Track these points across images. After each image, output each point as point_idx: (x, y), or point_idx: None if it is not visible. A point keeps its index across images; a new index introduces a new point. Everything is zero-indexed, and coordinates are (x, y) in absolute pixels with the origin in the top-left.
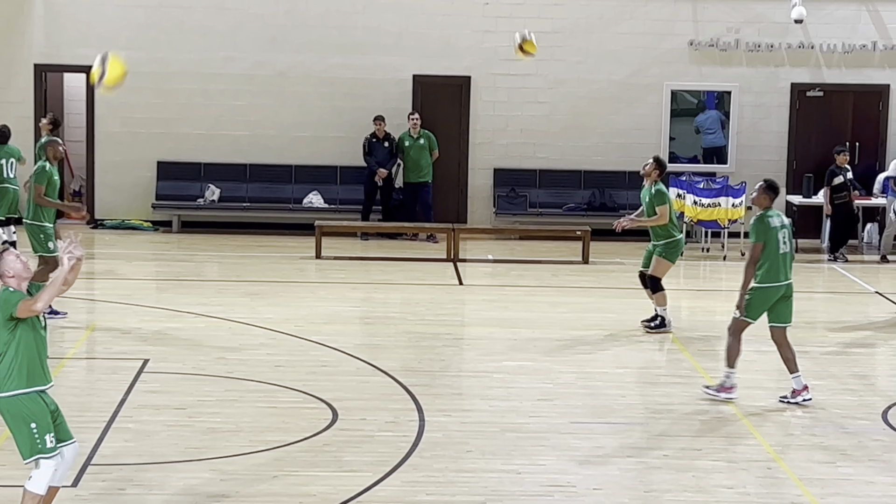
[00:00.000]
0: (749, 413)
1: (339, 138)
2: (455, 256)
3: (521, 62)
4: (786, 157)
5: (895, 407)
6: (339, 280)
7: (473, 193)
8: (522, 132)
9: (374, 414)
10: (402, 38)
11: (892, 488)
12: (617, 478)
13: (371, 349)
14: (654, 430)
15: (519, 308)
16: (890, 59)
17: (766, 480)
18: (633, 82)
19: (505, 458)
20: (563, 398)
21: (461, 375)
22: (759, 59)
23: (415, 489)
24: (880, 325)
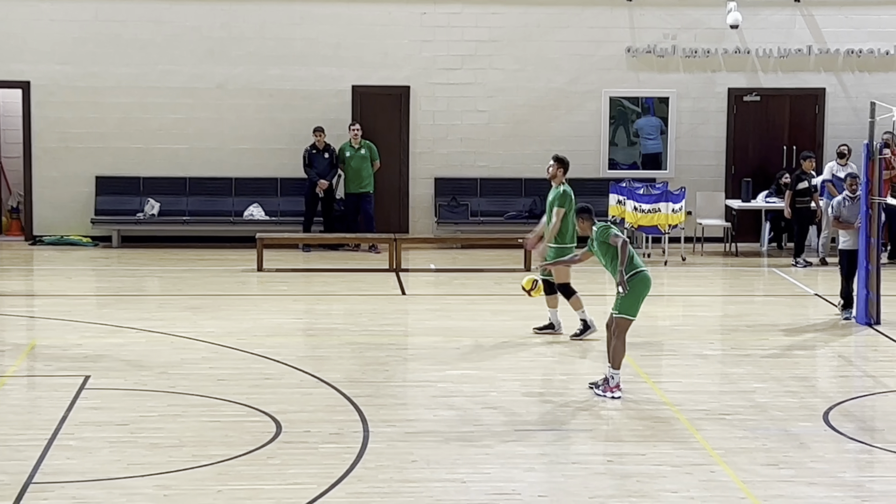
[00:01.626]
0: (692, 417)
1: (279, 150)
2: (397, 266)
3: (459, 71)
4: (724, 162)
5: (836, 409)
6: (281, 292)
7: (414, 203)
8: (462, 141)
9: (318, 426)
10: (341, 48)
11: (834, 489)
12: (562, 484)
13: (314, 361)
14: (599, 436)
15: (462, 317)
16: (825, 63)
17: (709, 484)
18: (572, 90)
19: (450, 467)
20: (508, 406)
21: (405, 385)
22: (695, 64)
23: (360, 500)
24: (820, 328)
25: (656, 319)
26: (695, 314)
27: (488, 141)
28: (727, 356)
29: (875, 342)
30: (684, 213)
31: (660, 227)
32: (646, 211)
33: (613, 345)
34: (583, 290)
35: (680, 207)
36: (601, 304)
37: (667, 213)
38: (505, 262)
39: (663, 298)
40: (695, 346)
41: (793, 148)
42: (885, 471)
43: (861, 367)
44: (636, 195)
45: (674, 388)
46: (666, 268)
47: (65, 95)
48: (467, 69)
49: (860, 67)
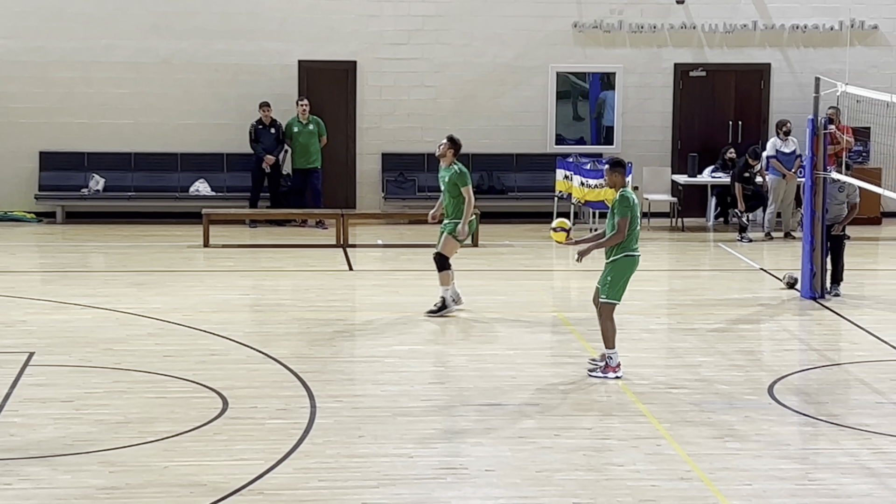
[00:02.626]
0: (638, 391)
1: (225, 125)
2: (345, 242)
3: (406, 46)
4: (670, 137)
5: (781, 382)
6: (227, 268)
7: (362, 179)
8: (410, 116)
9: (264, 402)
10: (287, 23)
11: (779, 462)
12: (508, 459)
13: (261, 337)
14: (545, 411)
15: (409, 292)
16: (770, 39)
17: (655, 457)
18: (519, 65)
19: (397, 442)
20: (455, 381)
21: (352, 361)
22: (642, 39)
23: (307, 476)
24: (766, 302)
25: None
26: (641, 289)
27: (435, 116)
28: (673, 330)
29: (820, 316)
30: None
31: (606, 202)
32: (593, 186)
33: (602, 326)
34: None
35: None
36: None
37: None
38: None
39: None
40: (641, 320)
41: (738, 123)
42: (828, 443)
43: (806, 342)
44: (583, 170)
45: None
46: None
47: (8, 70)
48: (414, 44)
49: (805, 43)
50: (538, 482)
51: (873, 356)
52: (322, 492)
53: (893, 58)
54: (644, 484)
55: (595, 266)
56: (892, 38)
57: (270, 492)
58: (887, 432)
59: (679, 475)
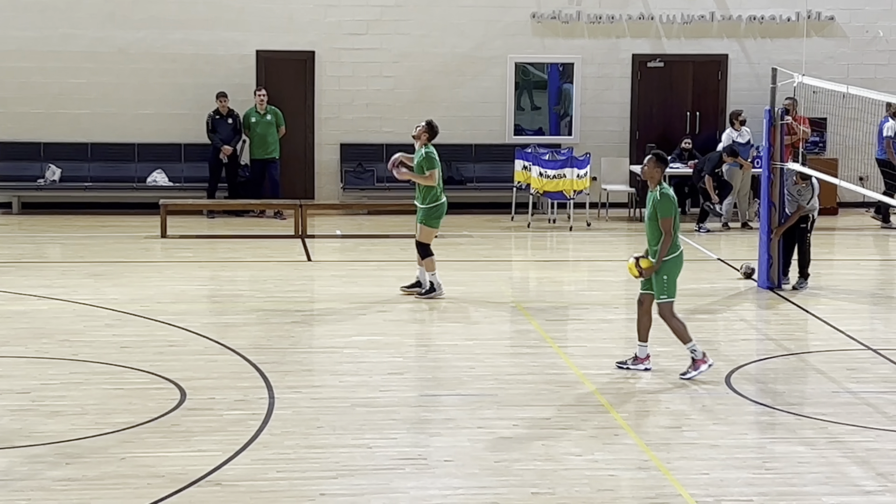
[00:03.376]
0: (596, 381)
1: (182, 115)
2: (303, 233)
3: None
4: (628, 128)
5: (738, 372)
6: (185, 259)
7: (320, 169)
8: (368, 107)
9: (223, 393)
10: (244, 13)
11: (736, 451)
12: (467, 449)
13: (219, 328)
14: (504, 401)
15: (368, 283)
16: (728, 30)
17: (613, 447)
18: (478, 55)
19: (356, 432)
20: (413, 371)
21: (311, 352)
22: (600, 30)
23: (265, 467)
24: (723, 292)
25: (562, 284)
26: (600, 279)
27: (394, 107)
28: (631, 321)
29: (777, 306)
30: (589, 178)
31: (565, 193)
32: (551, 177)
33: (671, 327)
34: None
35: (585, 173)
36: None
37: (572, 178)
38: (411, 229)
39: (568, 264)
40: (600, 310)
41: (696, 114)
42: (785, 432)
43: (762, 331)
44: (541, 161)
45: (579, 353)
46: (571, 233)
47: None
48: (373, 34)
49: (762, 34)
50: (497, 472)
51: (829, 346)
52: (280, 483)
53: (850, 49)
54: (602, 474)
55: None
56: (848, 29)
57: (228, 483)
58: (843, 421)
59: (637, 465)
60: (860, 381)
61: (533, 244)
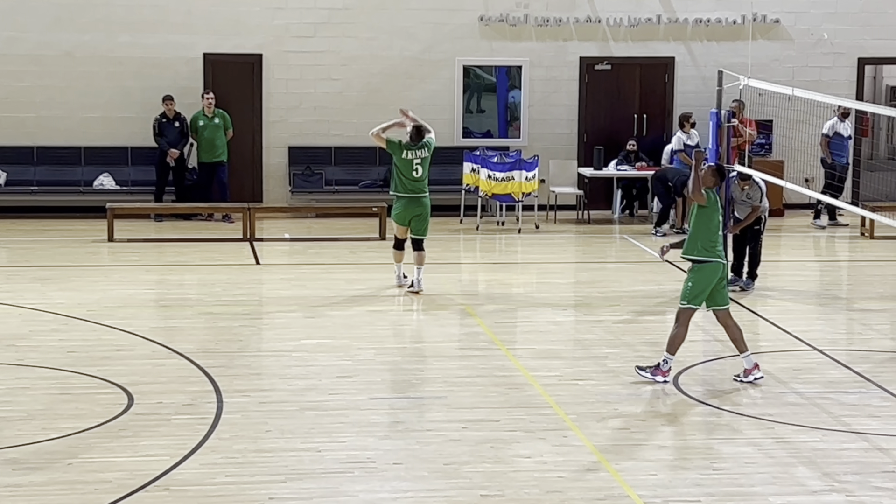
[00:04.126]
0: (545, 383)
1: (129, 119)
2: (251, 236)
3: (313, 39)
4: (576, 130)
5: (686, 373)
6: (132, 263)
7: (269, 172)
8: (316, 110)
9: (170, 397)
10: (191, 15)
11: (684, 452)
12: (417, 452)
13: (167, 332)
14: (453, 403)
15: (317, 286)
16: (674, 32)
17: (562, 448)
18: (426, 58)
19: (305, 436)
20: (363, 374)
21: (260, 355)
22: (548, 33)
23: (213, 471)
24: (670, 294)
25: (510, 287)
26: (548, 281)
27: (342, 110)
28: (580, 322)
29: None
30: (537, 181)
31: (513, 195)
32: (500, 179)
33: (674, 331)
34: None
35: (533, 175)
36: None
37: (520, 181)
38: (360, 231)
39: (517, 266)
40: (548, 312)
41: (643, 116)
42: (731, 433)
43: (710, 332)
44: (490, 163)
45: (527, 355)
46: (520, 235)
47: None
48: (321, 37)
49: (708, 36)
50: (446, 475)
51: (776, 346)
52: (229, 487)
53: (795, 51)
54: (551, 475)
55: (503, 260)
56: (793, 31)
57: (176, 487)
58: (790, 422)
59: (586, 466)
60: (806, 381)
61: (481, 246)
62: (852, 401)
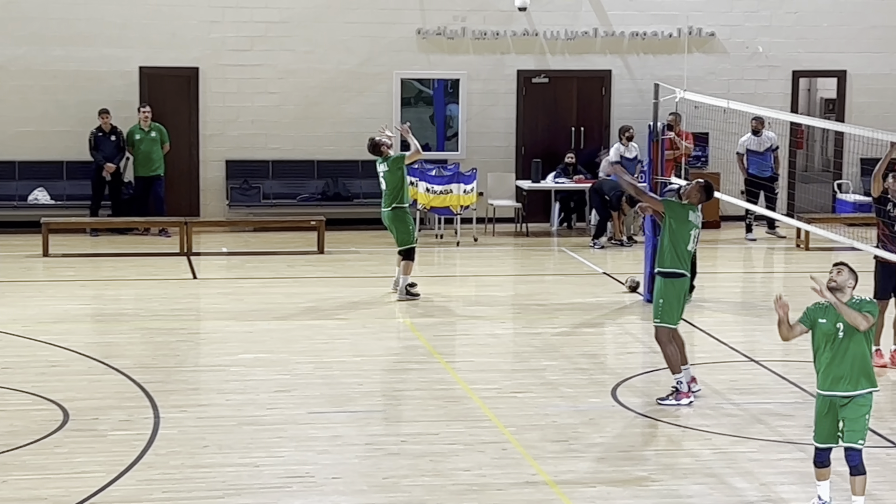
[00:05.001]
0: (484, 396)
1: (64, 132)
2: (188, 250)
3: (249, 52)
4: (514, 143)
5: (624, 384)
6: (68, 278)
7: (206, 186)
8: (254, 123)
9: (107, 413)
10: (127, 29)
11: (622, 464)
12: (355, 466)
13: (103, 347)
14: (392, 417)
15: (255, 300)
16: (611, 46)
17: (501, 461)
18: (363, 71)
19: (242, 451)
20: (301, 389)
21: (197, 370)
22: (485, 46)
23: (150, 487)
24: (608, 306)
25: (449, 300)
26: (487, 294)
27: (280, 123)
28: (519, 335)
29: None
30: (476, 193)
31: (452, 209)
32: (438, 192)
33: (664, 353)
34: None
35: (471, 188)
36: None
37: (458, 194)
38: (298, 245)
39: (456, 279)
40: (487, 325)
41: (581, 129)
42: (669, 444)
43: (648, 344)
44: (428, 176)
45: (466, 368)
46: (458, 248)
47: None
48: (258, 50)
49: (644, 50)
50: (385, 489)
51: (713, 358)
52: (166, 503)
53: (730, 64)
54: (490, 489)
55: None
56: (728, 44)
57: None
58: (727, 432)
59: (525, 479)
60: (743, 392)
61: (420, 259)
62: (788, 411)
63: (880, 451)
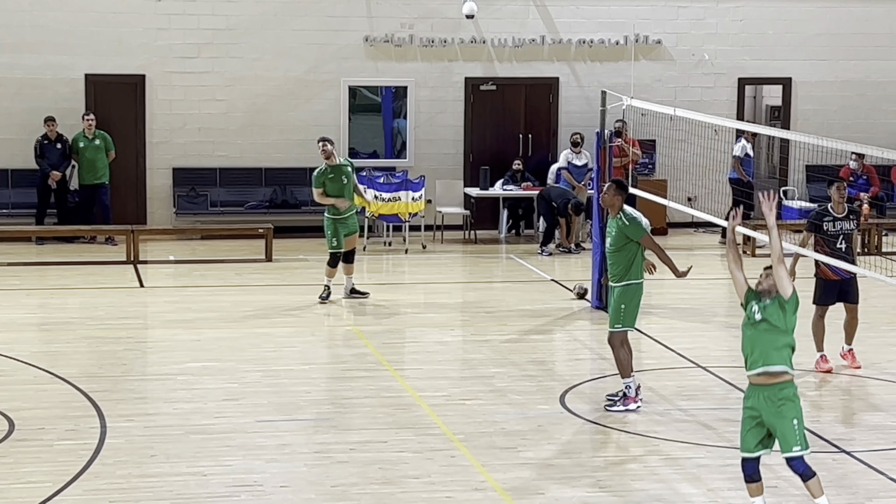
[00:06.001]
0: (433, 403)
1: (9, 140)
2: (135, 258)
3: (196, 59)
4: (462, 151)
5: (572, 391)
6: (13, 287)
7: (152, 194)
8: (201, 131)
9: (53, 423)
10: (72, 36)
11: (570, 470)
12: (304, 474)
13: (49, 356)
14: (341, 425)
15: (202, 308)
16: (558, 53)
17: (449, 468)
18: (311, 78)
19: (190, 460)
20: (249, 397)
21: (144, 379)
22: (433, 54)
23: (97, 497)
24: (556, 312)
25: (398, 307)
26: (435, 301)
27: (227, 130)
28: (467, 342)
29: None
30: (424, 201)
31: (400, 216)
32: (386, 199)
33: (615, 356)
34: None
35: (420, 196)
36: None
37: (407, 201)
38: (245, 253)
39: (404, 286)
40: (435, 332)
41: (528, 136)
42: (617, 450)
43: (596, 351)
44: (376, 184)
45: (415, 376)
46: (406, 256)
47: None
48: (204, 58)
49: (592, 57)
50: (334, 497)
51: (661, 364)
52: None
53: (677, 71)
54: (439, 496)
55: (390, 280)
56: (675, 52)
57: None
58: (675, 438)
59: (473, 486)
60: (690, 398)
61: (369, 267)
62: (736, 417)
63: (826, 457)
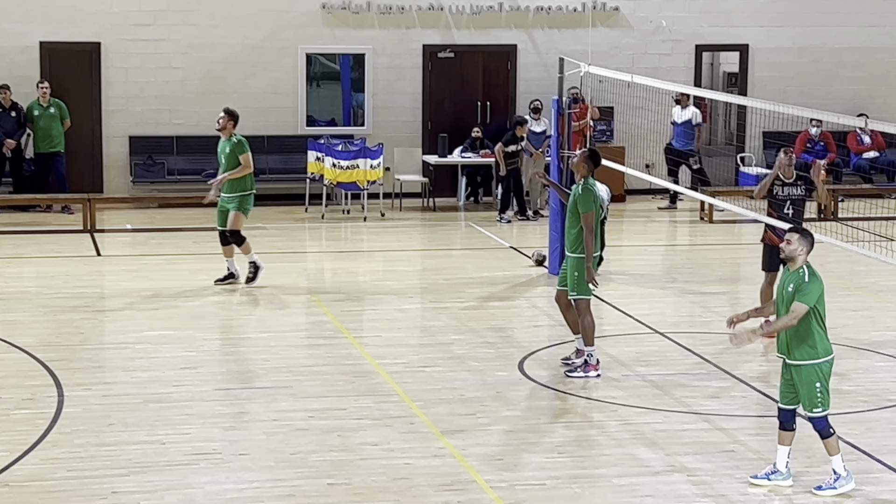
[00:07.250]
0: (392, 370)
1: None
2: (92, 227)
3: (152, 27)
4: (420, 118)
5: (531, 357)
6: None
7: (109, 162)
8: (157, 98)
9: (9, 392)
10: (27, 3)
11: (530, 435)
12: (263, 442)
13: (5, 325)
14: (299, 393)
15: (160, 277)
16: (516, 20)
17: (409, 435)
18: (268, 46)
19: (148, 429)
20: (208, 365)
21: (102, 348)
22: (390, 21)
23: (55, 466)
24: (515, 279)
25: (356, 275)
26: (394, 269)
27: (184, 98)
28: (426, 309)
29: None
30: (382, 168)
31: (359, 184)
32: (344, 167)
33: (581, 323)
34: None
35: (378, 163)
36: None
37: (365, 169)
38: (203, 221)
39: (363, 254)
40: (394, 300)
41: (487, 103)
42: (575, 416)
43: (554, 317)
44: (334, 152)
45: (374, 343)
46: (365, 224)
47: None
48: (160, 25)
49: (549, 24)
50: (293, 464)
51: (619, 330)
52: (70, 482)
53: (634, 38)
54: (398, 462)
55: (349, 248)
56: (633, 19)
57: (16, 483)
58: (633, 404)
59: (433, 452)
60: (648, 364)
61: (327, 235)
62: (693, 382)
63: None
